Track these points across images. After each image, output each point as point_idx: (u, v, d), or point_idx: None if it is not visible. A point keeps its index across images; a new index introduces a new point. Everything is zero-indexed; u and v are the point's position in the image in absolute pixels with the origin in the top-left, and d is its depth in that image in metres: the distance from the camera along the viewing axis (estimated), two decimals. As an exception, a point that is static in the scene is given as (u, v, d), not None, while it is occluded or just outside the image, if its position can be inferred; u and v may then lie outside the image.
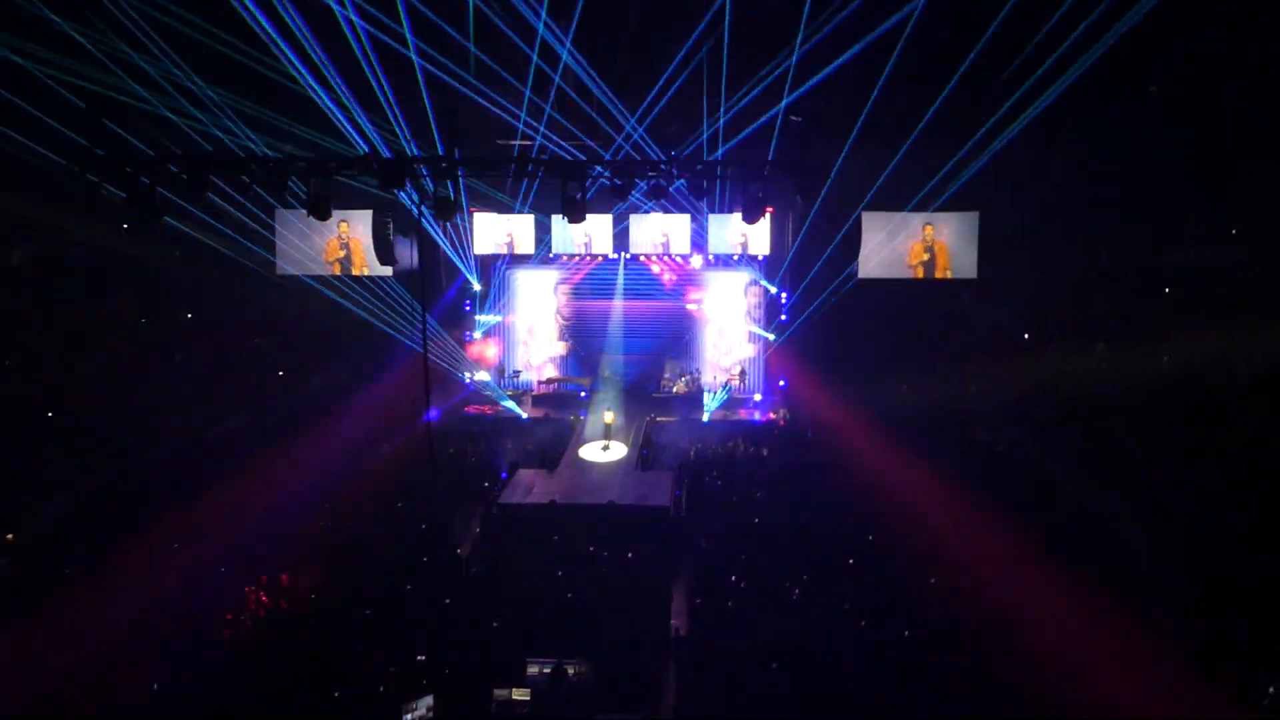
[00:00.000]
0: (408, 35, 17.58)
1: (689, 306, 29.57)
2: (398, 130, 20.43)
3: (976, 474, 20.61)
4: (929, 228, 26.92)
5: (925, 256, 27.02)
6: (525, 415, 27.62)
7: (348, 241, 28.15)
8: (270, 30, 16.66)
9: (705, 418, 27.10)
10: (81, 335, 24.21)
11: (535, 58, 19.12)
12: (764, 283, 29.35)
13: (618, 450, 23.82)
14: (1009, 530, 17.68)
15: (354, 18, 16.89)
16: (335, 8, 15.84)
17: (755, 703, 12.79)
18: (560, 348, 30.52)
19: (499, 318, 30.24)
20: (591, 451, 23.74)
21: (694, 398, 27.95)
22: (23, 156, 19.24)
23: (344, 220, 27.79)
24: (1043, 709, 12.29)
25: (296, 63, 17.43)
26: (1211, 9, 13.49)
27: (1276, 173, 20.24)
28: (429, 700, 12.50)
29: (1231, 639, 12.73)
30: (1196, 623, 13.34)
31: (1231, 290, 21.92)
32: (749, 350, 29.86)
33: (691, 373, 29.06)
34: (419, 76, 18.45)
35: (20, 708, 12.26)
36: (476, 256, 29.24)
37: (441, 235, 28.22)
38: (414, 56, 18.00)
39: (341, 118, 19.40)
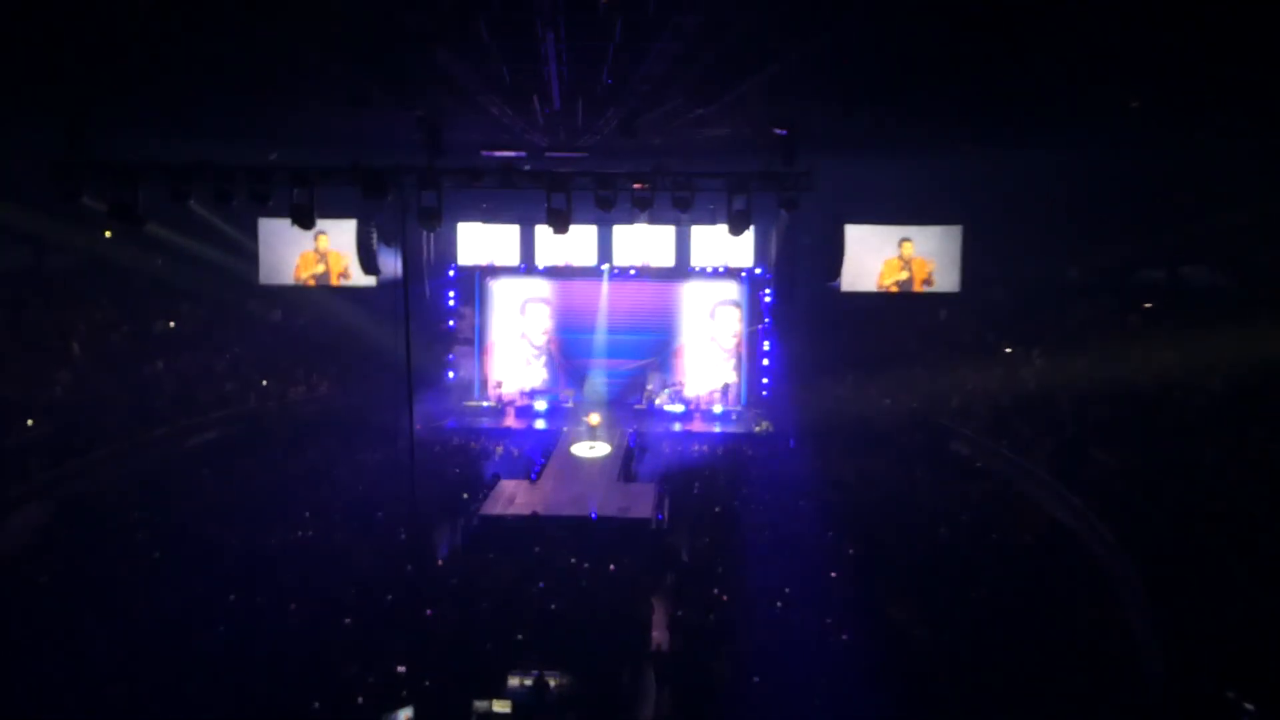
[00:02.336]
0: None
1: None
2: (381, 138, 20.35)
3: (955, 488, 20.78)
4: (907, 244, 26.93)
5: (903, 275, 27.05)
6: (509, 424, 27.59)
7: (325, 255, 27.93)
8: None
9: (688, 428, 27.11)
10: (60, 343, 24.02)
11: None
12: (747, 294, 29.43)
13: (602, 448, 24.88)
14: (987, 545, 17.86)
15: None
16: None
17: (736, 716, 12.78)
18: (538, 366, 30.39)
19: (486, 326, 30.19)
20: (580, 449, 24.85)
21: (677, 409, 27.99)
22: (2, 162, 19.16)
23: (322, 233, 27.47)
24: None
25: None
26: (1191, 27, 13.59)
27: (1250, 191, 20.47)
28: (409, 711, 12.42)
29: (1207, 656, 12.76)
30: (1170, 640, 13.38)
31: (1206, 306, 22.14)
32: (732, 363, 29.92)
33: (674, 385, 29.09)
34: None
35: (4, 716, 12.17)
36: (459, 267, 29.24)
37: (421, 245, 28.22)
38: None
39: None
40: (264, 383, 26.59)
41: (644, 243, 28.03)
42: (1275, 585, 13.16)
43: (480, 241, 28.55)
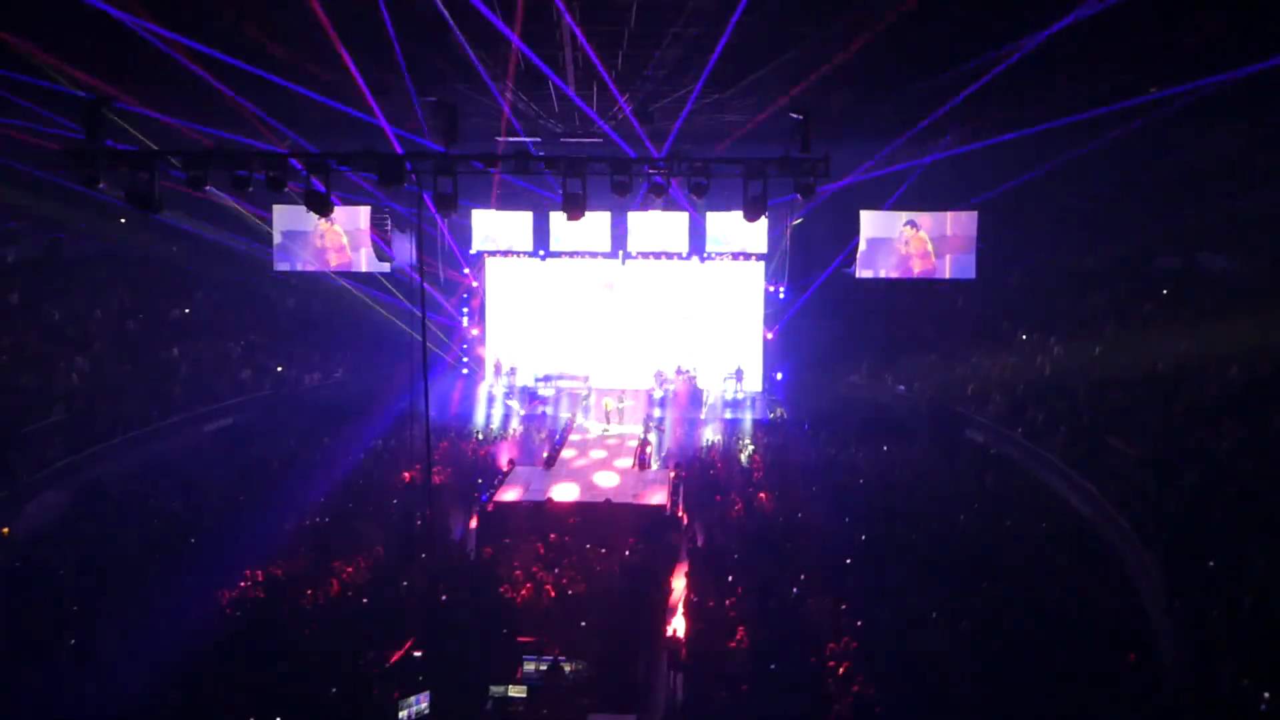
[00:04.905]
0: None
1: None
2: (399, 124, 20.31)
3: (969, 475, 20.73)
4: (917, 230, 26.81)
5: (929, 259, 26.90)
6: (523, 411, 27.60)
7: (336, 241, 27.84)
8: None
9: (702, 415, 27.08)
10: (78, 330, 24.13)
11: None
12: (762, 280, 29.32)
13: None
14: (1002, 532, 17.82)
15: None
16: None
17: (749, 703, 12.79)
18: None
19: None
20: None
21: (691, 396, 27.91)
22: (19, 148, 19.19)
23: (333, 224, 27.22)
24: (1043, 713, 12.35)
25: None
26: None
27: (1268, 177, 20.33)
28: (426, 696, 12.50)
29: (1224, 645, 12.73)
30: (1187, 628, 13.35)
31: (1224, 293, 22.03)
32: (746, 348, 29.82)
33: (688, 371, 29.00)
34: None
35: (20, 701, 12.27)
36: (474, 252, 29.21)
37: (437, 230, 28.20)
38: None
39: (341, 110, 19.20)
40: (279, 368, 26.70)
41: (657, 229, 27.93)
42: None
43: (494, 227, 28.46)
